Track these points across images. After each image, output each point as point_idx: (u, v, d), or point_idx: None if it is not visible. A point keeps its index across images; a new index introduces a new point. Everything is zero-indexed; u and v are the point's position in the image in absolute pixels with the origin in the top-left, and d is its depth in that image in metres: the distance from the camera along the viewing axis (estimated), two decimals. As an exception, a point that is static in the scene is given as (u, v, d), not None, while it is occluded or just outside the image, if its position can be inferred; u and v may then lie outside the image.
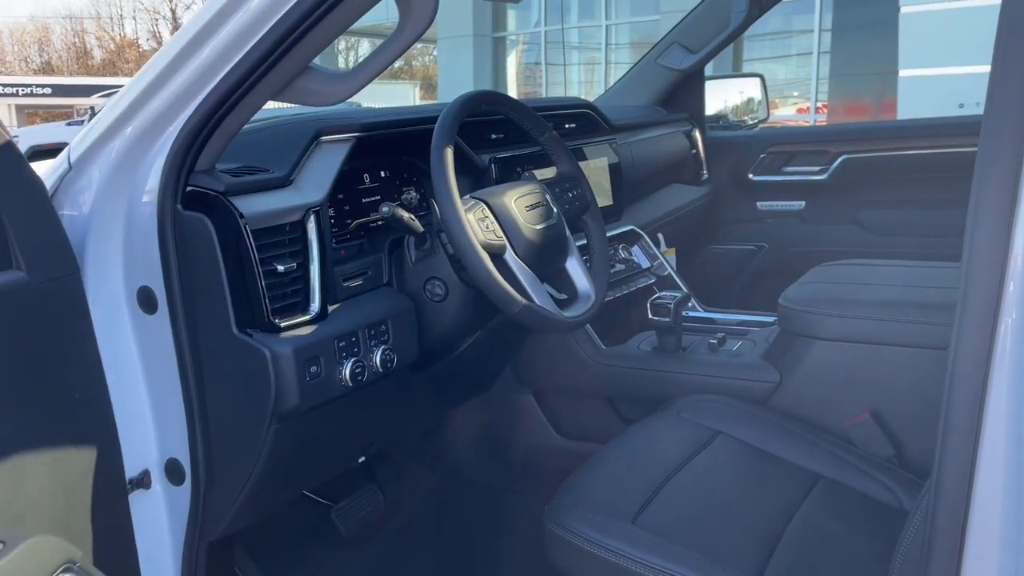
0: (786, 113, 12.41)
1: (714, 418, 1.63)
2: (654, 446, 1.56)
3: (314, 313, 1.35)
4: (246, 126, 1.31)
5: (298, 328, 1.32)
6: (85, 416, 1.22)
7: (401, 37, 1.21)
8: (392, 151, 1.67)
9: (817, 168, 2.82)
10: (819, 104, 11.93)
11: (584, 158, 2.14)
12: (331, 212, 1.49)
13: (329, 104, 1.28)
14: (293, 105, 1.34)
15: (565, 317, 1.49)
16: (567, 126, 2.20)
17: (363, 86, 1.26)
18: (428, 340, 1.55)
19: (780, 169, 2.90)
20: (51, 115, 20.61)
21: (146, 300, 1.30)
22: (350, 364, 1.36)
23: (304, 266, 1.36)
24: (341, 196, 1.53)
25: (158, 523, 1.38)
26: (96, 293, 1.28)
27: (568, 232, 1.61)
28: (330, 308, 1.39)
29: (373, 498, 1.97)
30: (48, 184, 1.33)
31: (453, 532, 2.09)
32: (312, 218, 1.37)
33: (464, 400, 2.06)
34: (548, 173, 1.75)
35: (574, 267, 1.62)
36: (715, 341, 1.92)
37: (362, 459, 1.77)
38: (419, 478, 2.19)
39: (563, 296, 1.61)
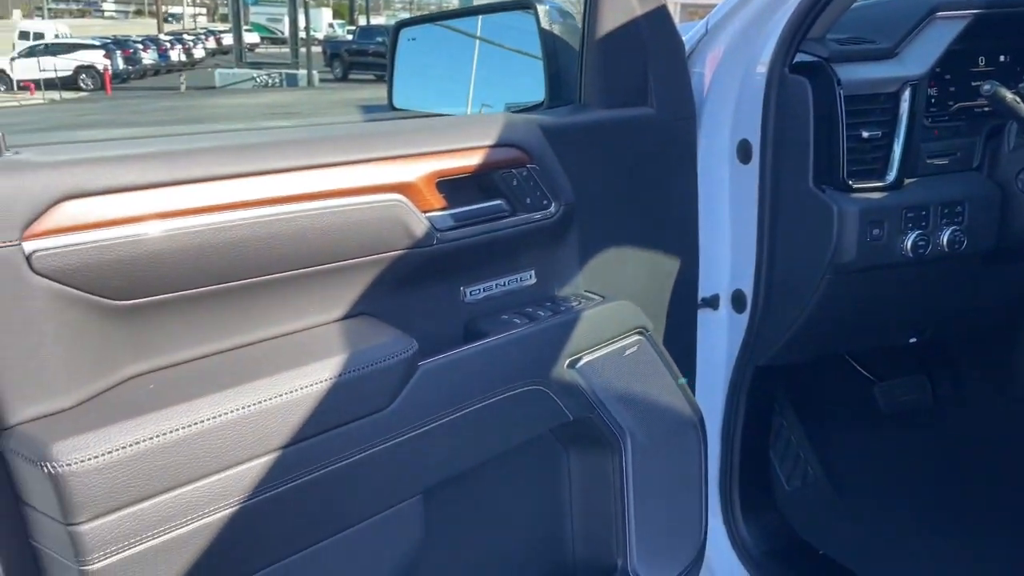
0: None
1: None
2: None
3: (889, 181, 1.43)
4: (861, 2, 1.41)
5: (870, 192, 1.42)
6: (677, 232, 1.52)
7: None
8: (1016, 34, 1.58)
9: None
10: None
11: None
12: (933, 91, 1.51)
13: None
14: None
15: None
16: None
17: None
18: (1010, 233, 1.50)
19: None
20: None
21: (743, 151, 1.53)
22: (914, 236, 1.41)
23: (889, 136, 1.43)
24: (948, 76, 1.54)
25: (718, 341, 1.66)
26: (705, 137, 1.54)
27: None
28: (906, 181, 1.45)
29: (921, 389, 1.98)
30: (687, 45, 1.62)
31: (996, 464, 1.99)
32: (908, 91, 1.42)
33: None
34: None
35: None
36: None
37: (913, 340, 1.80)
38: (982, 394, 2.11)
39: None
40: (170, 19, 61.71)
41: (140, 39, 31.04)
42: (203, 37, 40.27)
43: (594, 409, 1.26)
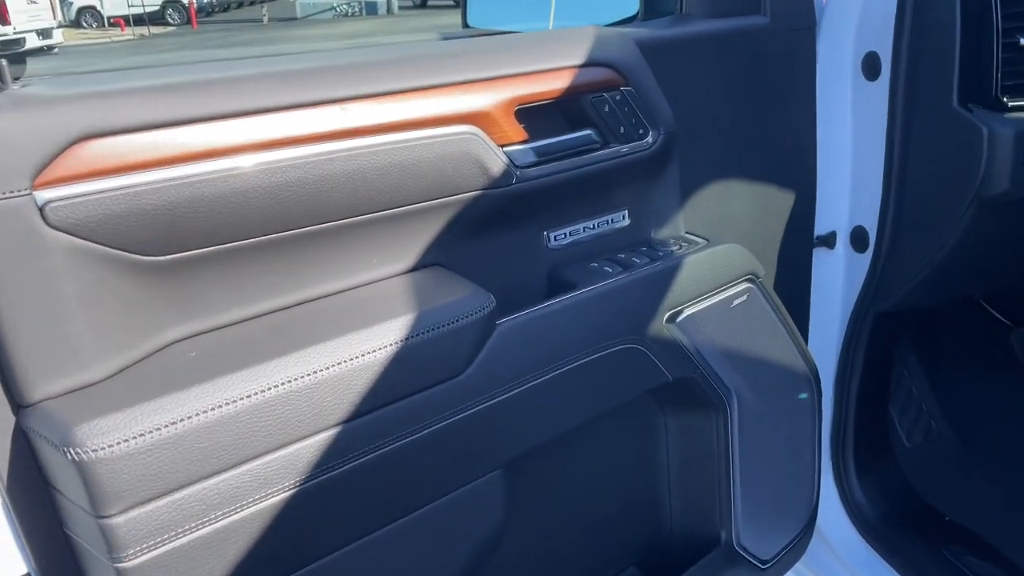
0: None
1: None
2: None
3: None
4: None
5: None
6: (791, 162, 1.33)
7: None
8: None
9: None
10: None
11: None
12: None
13: None
14: None
15: None
16: None
17: None
18: None
19: None
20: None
21: (870, 65, 1.31)
22: None
23: (1055, 43, 1.20)
24: None
25: (834, 283, 1.47)
26: (826, 51, 1.33)
27: None
28: None
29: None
30: None
31: None
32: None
33: None
34: None
35: None
36: None
37: None
38: None
39: None
40: (252, -50, 61.72)
41: (223, -29, 31.20)
42: (284, -33, 40.18)
43: (697, 368, 1.11)
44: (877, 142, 1.33)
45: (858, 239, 1.42)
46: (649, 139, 1.08)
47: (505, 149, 0.95)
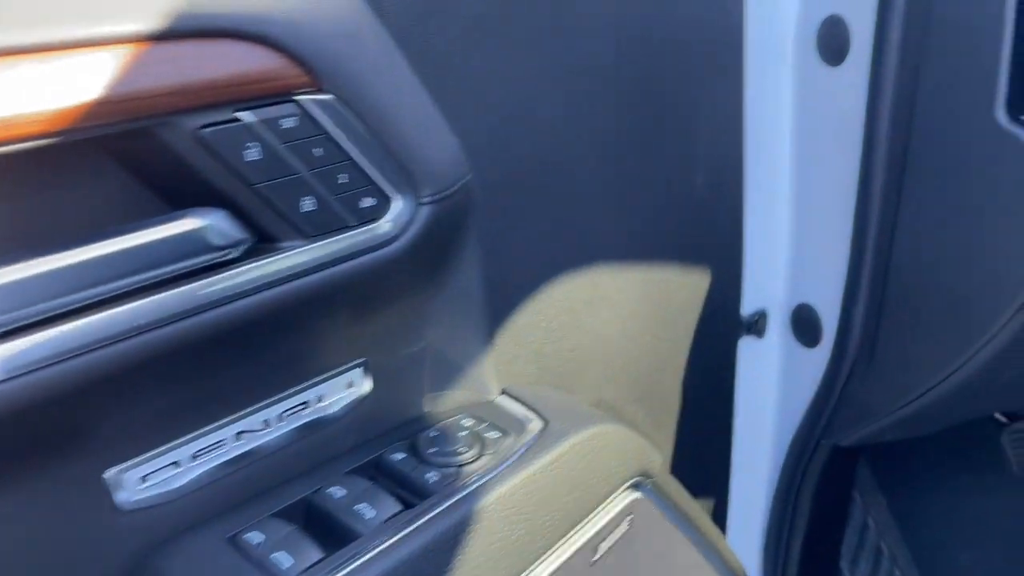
0: None
1: None
2: None
3: None
4: None
5: None
6: (704, 205, 0.76)
7: None
8: None
9: None
10: None
11: None
12: None
13: None
14: None
15: None
16: None
17: None
18: None
19: None
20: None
21: (832, 40, 0.75)
22: None
23: None
24: None
25: (763, 397, 0.91)
26: (752, 21, 0.76)
27: None
28: None
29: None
30: None
31: None
32: None
33: None
34: None
35: None
36: None
37: None
38: None
39: None
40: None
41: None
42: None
43: None
44: (849, 165, 0.77)
45: (803, 326, 0.87)
46: (388, 219, 0.47)
47: None
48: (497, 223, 0.55)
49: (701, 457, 0.86)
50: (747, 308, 0.88)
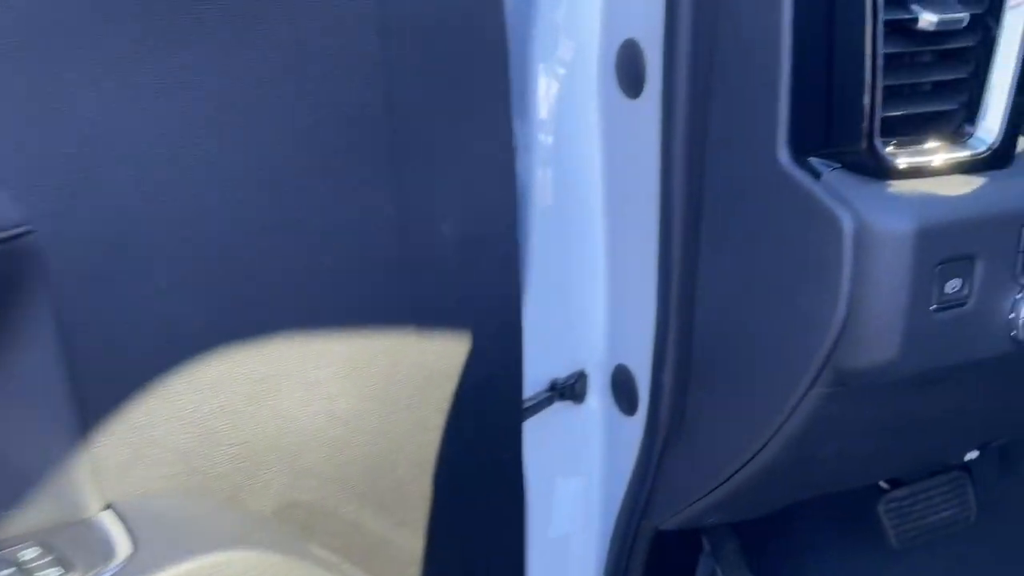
0: None
1: None
2: None
3: (984, 147, 0.56)
4: None
5: (936, 177, 0.55)
6: (459, 264, 0.65)
7: None
8: None
9: None
10: None
11: None
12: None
13: None
14: None
15: None
16: None
17: None
18: None
19: None
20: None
21: (630, 68, 0.65)
22: None
23: (983, 33, 0.56)
24: None
25: (587, 468, 0.80)
26: (534, 41, 0.66)
27: None
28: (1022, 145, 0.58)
29: (958, 494, 1.14)
30: None
31: None
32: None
33: None
34: None
35: None
36: None
37: (973, 455, 0.97)
38: None
39: None
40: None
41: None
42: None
43: None
44: (646, 216, 0.66)
45: (620, 389, 0.76)
46: None
47: None
48: (103, 287, 0.44)
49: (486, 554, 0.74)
50: (560, 365, 0.77)
